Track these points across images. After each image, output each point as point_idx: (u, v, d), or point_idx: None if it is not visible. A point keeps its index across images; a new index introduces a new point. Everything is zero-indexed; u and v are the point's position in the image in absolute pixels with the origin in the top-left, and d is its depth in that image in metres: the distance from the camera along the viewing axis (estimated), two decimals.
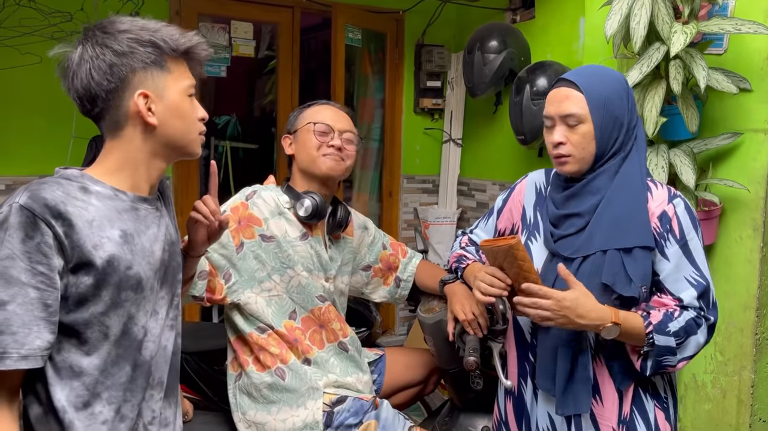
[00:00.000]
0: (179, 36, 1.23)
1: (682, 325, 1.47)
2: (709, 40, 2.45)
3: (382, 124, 4.09)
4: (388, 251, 2.12)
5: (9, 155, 3.08)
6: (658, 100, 2.35)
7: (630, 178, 1.54)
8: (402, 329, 4.15)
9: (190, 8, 3.44)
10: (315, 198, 1.81)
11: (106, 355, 1.18)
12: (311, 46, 5.29)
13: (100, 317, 1.16)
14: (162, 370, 1.28)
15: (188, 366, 2.13)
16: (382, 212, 4.16)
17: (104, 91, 1.18)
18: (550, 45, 3.19)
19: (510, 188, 1.81)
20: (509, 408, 1.73)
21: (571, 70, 1.61)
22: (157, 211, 1.29)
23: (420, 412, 2.72)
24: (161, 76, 1.21)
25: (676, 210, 1.52)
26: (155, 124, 1.21)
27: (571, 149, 1.53)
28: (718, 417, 2.61)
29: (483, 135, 3.78)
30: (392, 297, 2.15)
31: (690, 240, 1.53)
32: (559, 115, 1.54)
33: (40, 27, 2.91)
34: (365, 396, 1.84)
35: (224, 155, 4.83)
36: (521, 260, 1.50)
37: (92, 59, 1.18)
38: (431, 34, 3.98)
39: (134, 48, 1.18)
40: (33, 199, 1.10)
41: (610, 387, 1.56)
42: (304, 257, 1.83)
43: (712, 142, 2.45)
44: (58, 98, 3.10)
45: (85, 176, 1.20)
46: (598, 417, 1.56)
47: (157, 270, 1.25)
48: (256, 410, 1.80)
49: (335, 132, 1.86)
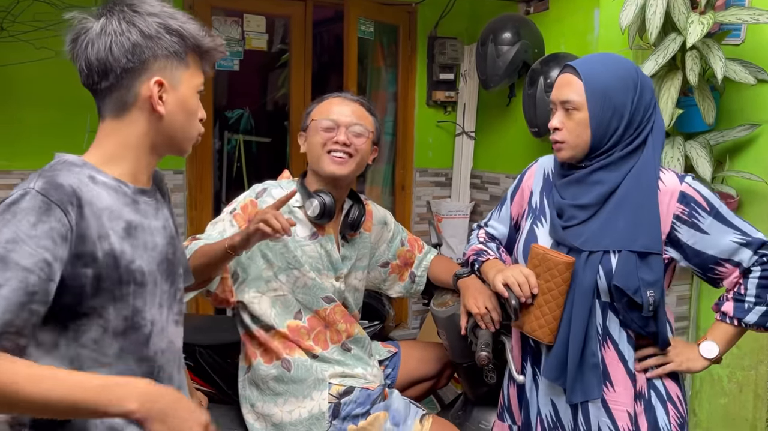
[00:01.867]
0: (204, 34, 1.23)
1: (756, 290, 1.52)
2: (726, 31, 2.42)
3: (395, 117, 4.08)
4: (405, 247, 2.11)
5: (24, 149, 3.11)
6: (674, 91, 2.33)
7: (644, 177, 1.52)
8: (415, 322, 4.15)
9: (203, 2, 3.44)
10: (324, 198, 1.79)
11: (106, 347, 1.15)
12: (324, 40, 5.28)
13: (99, 310, 1.13)
14: (171, 365, 1.27)
15: (202, 359, 2.14)
16: (394, 206, 4.15)
17: (121, 68, 1.16)
18: (564, 36, 3.17)
19: (521, 173, 1.81)
20: (512, 394, 1.74)
21: (581, 57, 1.61)
22: (156, 203, 1.28)
23: (433, 405, 2.72)
24: (179, 69, 1.21)
25: (693, 187, 1.53)
26: (163, 113, 1.20)
27: (565, 135, 1.55)
28: (735, 412, 2.59)
29: (496, 128, 3.76)
30: (407, 292, 2.14)
31: (719, 207, 1.53)
32: (559, 100, 1.56)
33: (55, 22, 2.92)
34: (371, 385, 1.84)
35: (237, 149, 4.84)
36: (563, 281, 1.52)
37: (115, 33, 1.15)
38: (444, 26, 3.96)
39: (161, 34, 1.17)
40: (50, 184, 1.08)
41: (620, 371, 1.56)
42: (312, 257, 1.82)
43: (729, 134, 2.42)
44: (73, 93, 3.12)
45: (87, 165, 1.17)
46: (611, 403, 1.56)
47: (159, 263, 1.23)
48: (264, 402, 1.81)
49: (341, 127, 1.82)
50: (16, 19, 2.88)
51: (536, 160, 1.78)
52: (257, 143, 5.29)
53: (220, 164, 4.84)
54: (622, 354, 1.55)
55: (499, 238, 1.84)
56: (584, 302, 1.52)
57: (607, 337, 1.55)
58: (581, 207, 1.55)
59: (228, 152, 4.88)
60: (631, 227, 1.50)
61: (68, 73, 3.41)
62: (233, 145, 4.87)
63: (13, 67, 2.99)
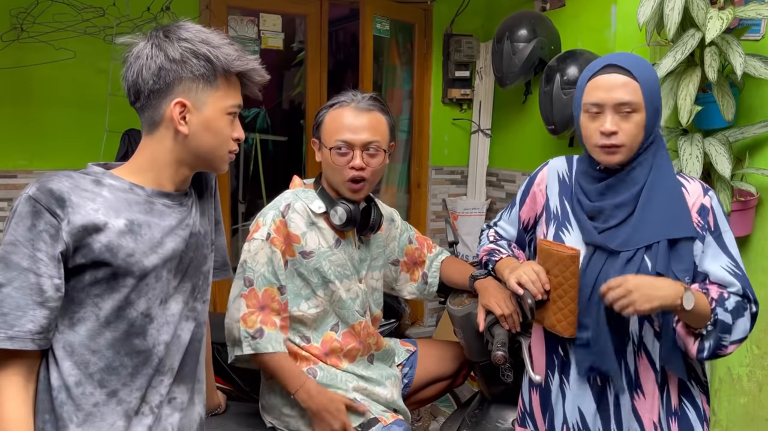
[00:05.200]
0: (236, 58, 1.26)
1: (734, 305, 1.46)
2: (746, 26, 2.39)
3: (411, 115, 4.08)
4: (414, 245, 2.10)
5: (43, 149, 3.15)
6: (693, 88, 2.31)
7: (665, 170, 1.54)
8: (431, 320, 4.15)
9: (219, 1, 3.46)
10: (349, 206, 1.79)
11: (96, 335, 1.22)
12: (339, 38, 5.29)
13: (94, 298, 1.21)
14: (174, 358, 1.31)
15: (220, 358, 2.15)
16: (410, 204, 4.15)
17: (148, 89, 1.24)
18: (581, 33, 3.14)
19: (530, 177, 1.77)
20: (535, 401, 1.72)
21: (611, 56, 1.56)
22: (181, 206, 1.32)
23: (449, 404, 2.72)
24: (206, 91, 1.25)
25: (712, 203, 1.53)
26: (185, 133, 1.26)
27: (623, 139, 1.49)
28: (754, 411, 2.56)
29: (512, 125, 3.74)
30: (421, 293, 2.12)
31: (724, 232, 1.52)
32: (613, 103, 1.49)
33: (73, 22, 2.96)
34: (386, 420, 1.82)
35: (254, 148, 4.86)
36: (571, 274, 1.52)
37: (146, 57, 1.24)
38: (460, 23, 3.95)
39: (187, 58, 1.23)
40: (40, 190, 1.16)
41: (651, 381, 1.55)
42: (339, 265, 1.82)
43: (749, 130, 2.40)
44: (91, 93, 3.17)
45: (105, 174, 1.26)
46: (640, 410, 1.56)
47: (167, 260, 1.27)
48: (285, 406, 1.81)
49: (355, 149, 1.78)
50: (35, 21, 2.91)
51: (546, 162, 1.76)
52: (273, 142, 5.31)
53: (237, 162, 4.86)
54: (654, 364, 1.55)
55: (508, 239, 1.84)
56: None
57: (641, 347, 1.55)
58: (619, 206, 1.54)
59: (244, 151, 4.91)
60: (665, 218, 1.49)
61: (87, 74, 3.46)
62: (250, 144, 4.89)
63: (32, 67, 3.03)
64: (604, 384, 1.59)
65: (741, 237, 2.50)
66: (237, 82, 1.30)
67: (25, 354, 1.17)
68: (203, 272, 1.38)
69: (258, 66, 1.30)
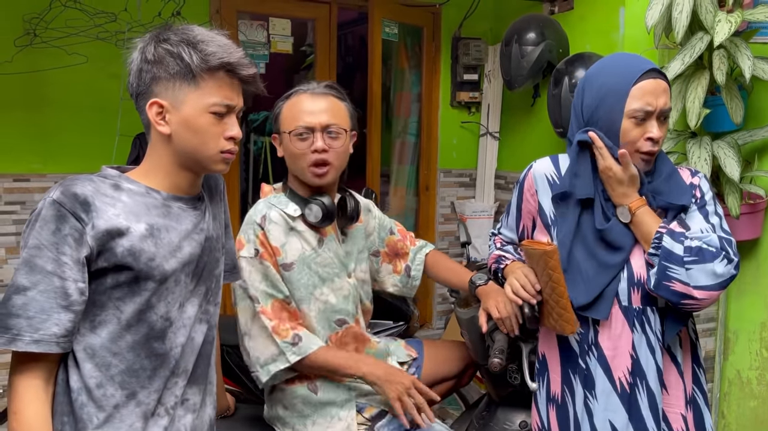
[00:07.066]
0: (212, 53, 1.21)
1: (699, 245, 1.43)
2: (754, 29, 2.39)
3: (419, 118, 4.09)
4: (396, 236, 2.07)
5: (56, 153, 3.18)
6: (701, 91, 2.31)
7: (666, 158, 1.61)
8: (439, 322, 4.15)
9: (229, 6, 3.49)
10: (324, 202, 1.74)
11: (118, 338, 1.22)
12: (348, 41, 5.31)
13: (115, 301, 1.21)
14: (188, 360, 1.32)
15: (229, 359, 2.17)
16: (419, 207, 4.16)
17: (135, 92, 1.26)
18: (589, 36, 3.15)
19: (519, 183, 1.73)
20: (552, 416, 1.68)
21: (641, 59, 1.54)
22: (195, 209, 1.33)
23: (457, 405, 2.73)
24: (184, 89, 1.23)
25: (700, 182, 1.57)
26: (166, 133, 1.25)
27: (658, 145, 1.51)
28: (764, 414, 2.55)
29: (521, 128, 3.75)
30: (404, 287, 2.07)
31: (708, 206, 1.54)
32: (662, 108, 1.48)
33: (86, 27, 2.98)
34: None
35: (263, 151, 4.89)
36: (551, 269, 1.51)
37: (132, 62, 1.26)
38: (468, 26, 3.96)
39: (162, 57, 1.22)
40: (64, 194, 1.16)
41: (673, 374, 1.56)
42: (324, 265, 1.79)
43: (758, 133, 2.39)
44: (103, 98, 3.20)
45: (122, 177, 1.26)
46: (665, 406, 1.56)
47: (186, 264, 1.28)
48: (290, 418, 1.81)
49: (315, 132, 1.73)
50: (48, 26, 2.94)
51: (529, 166, 1.71)
52: None
53: (246, 165, 4.89)
54: (675, 358, 1.56)
55: (514, 244, 1.84)
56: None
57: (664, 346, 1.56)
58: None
59: (254, 154, 4.93)
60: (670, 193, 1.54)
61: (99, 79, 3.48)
62: (259, 146, 4.92)
63: (45, 72, 3.06)
64: (633, 390, 1.55)
65: (750, 240, 2.49)
66: (227, 79, 1.24)
67: (47, 357, 1.17)
68: (215, 276, 1.39)
69: (241, 59, 1.24)
